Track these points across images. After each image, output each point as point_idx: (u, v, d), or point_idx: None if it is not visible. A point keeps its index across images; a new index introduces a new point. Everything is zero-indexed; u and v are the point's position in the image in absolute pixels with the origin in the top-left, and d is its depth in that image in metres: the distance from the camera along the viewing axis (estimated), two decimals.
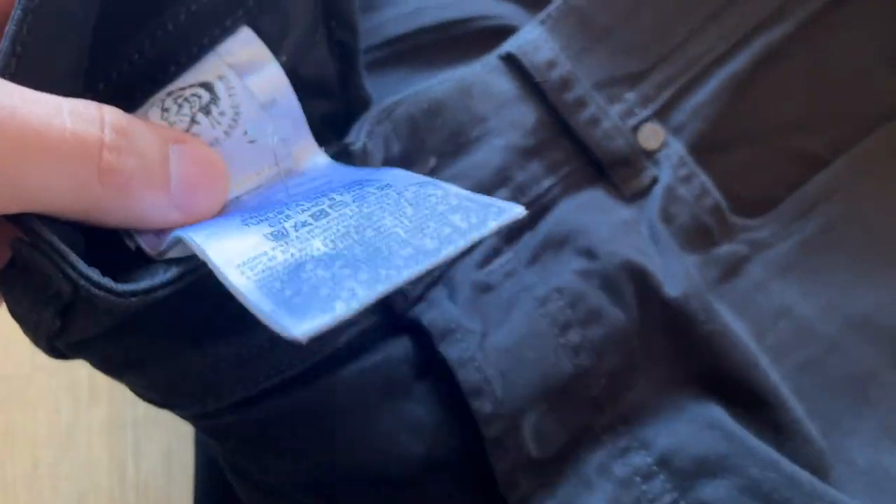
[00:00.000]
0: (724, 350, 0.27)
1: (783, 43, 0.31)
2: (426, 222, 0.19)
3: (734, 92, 0.31)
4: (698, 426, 0.27)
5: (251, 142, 0.23)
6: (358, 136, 0.27)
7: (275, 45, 0.24)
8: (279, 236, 0.19)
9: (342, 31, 0.27)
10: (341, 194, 0.21)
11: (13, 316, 0.22)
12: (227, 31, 0.23)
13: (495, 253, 0.28)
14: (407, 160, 0.28)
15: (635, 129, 0.30)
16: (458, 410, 0.26)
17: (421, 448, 0.26)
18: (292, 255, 0.18)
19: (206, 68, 0.23)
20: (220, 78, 0.23)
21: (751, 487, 0.25)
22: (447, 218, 0.19)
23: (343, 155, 0.27)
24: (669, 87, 0.31)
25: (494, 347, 0.26)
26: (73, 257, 0.19)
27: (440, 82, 0.29)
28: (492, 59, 0.30)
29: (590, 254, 0.28)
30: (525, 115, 0.30)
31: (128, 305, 0.19)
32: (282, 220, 0.20)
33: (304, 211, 0.20)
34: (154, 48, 0.22)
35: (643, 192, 0.30)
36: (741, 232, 0.31)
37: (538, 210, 0.29)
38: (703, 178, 0.30)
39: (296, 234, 0.19)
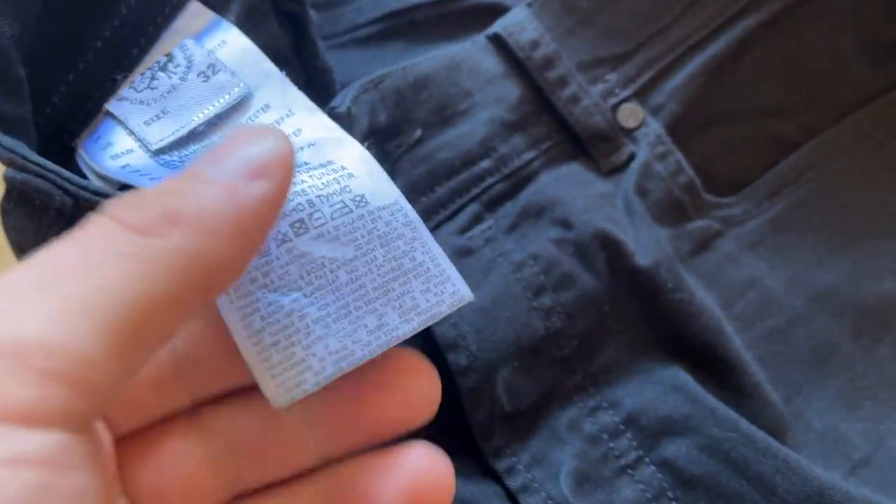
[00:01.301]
0: (690, 316, 0.28)
1: (761, 30, 0.32)
2: (392, 281, 0.21)
3: (711, 76, 0.32)
4: (664, 388, 0.28)
5: (205, 80, 0.23)
6: (343, 101, 0.28)
7: (222, 12, 0.25)
8: (262, 252, 0.20)
9: (289, 3, 0.29)
10: (322, 199, 0.21)
11: (17, 248, 0.22)
12: (176, 8, 0.24)
13: (476, 220, 0.30)
14: (393, 129, 0.30)
15: (615, 108, 0.32)
16: (437, 365, 0.28)
17: None
18: (273, 282, 0.20)
19: (165, 45, 0.25)
20: (177, 45, 0.25)
21: (710, 446, 0.26)
22: (410, 283, 0.21)
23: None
24: (650, 70, 0.32)
25: (470, 307, 0.28)
26: (67, 173, 0.20)
27: (428, 59, 0.31)
28: (480, 39, 0.32)
29: (565, 223, 0.29)
30: (509, 91, 0.31)
31: None
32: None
33: (284, 217, 0.21)
34: (113, 35, 0.24)
35: (620, 168, 0.31)
36: (714, 209, 0.32)
37: (519, 181, 0.30)
38: (679, 156, 0.32)
39: (277, 251, 0.20)
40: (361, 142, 0.28)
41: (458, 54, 0.31)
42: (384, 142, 0.29)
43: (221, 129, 0.23)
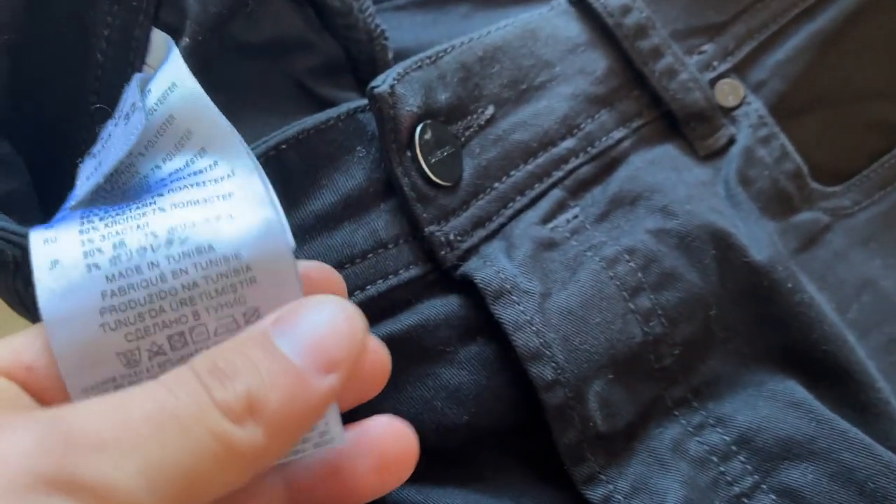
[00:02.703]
0: (811, 322, 0.25)
1: (870, 2, 0.29)
2: None
3: (819, 50, 0.29)
4: (781, 404, 0.24)
5: (126, 121, 0.21)
6: (384, 80, 0.24)
7: (178, 33, 0.24)
8: (132, 362, 0.19)
9: None
10: (210, 311, 0.19)
11: (9, 305, 0.22)
12: (142, 43, 0.23)
13: (561, 207, 0.26)
14: (458, 109, 0.26)
15: (713, 83, 0.28)
16: (507, 376, 0.24)
17: (462, 416, 0.24)
18: None
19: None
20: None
21: (842, 474, 0.23)
22: None
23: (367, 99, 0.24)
24: (750, 41, 0.28)
25: (556, 309, 0.24)
26: (11, 226, 0.20)
27: (498, 28, 0.27)
28: (561, 2, 0.28)
29: (666, 212, 0.25)
30: (595, 61, 0.27)
31: None
32: (139, 336, 0.19)
33: (164, 327, 0.19)
34: (100, 86, 0.23)
35: (719, 152, 0.27)
36: (821, 199, 0.28)
37: (607, 163, 0.27)
38: (784, 140, 0.28)
39: (148, 363, 0.19)
40: (413, 125, 0.25)
41: (533, 20, 0.27)
42: (448, 123, 0.26)
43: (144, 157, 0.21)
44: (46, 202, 0.23)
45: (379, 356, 0.21)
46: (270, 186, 0.20)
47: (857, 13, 0.29)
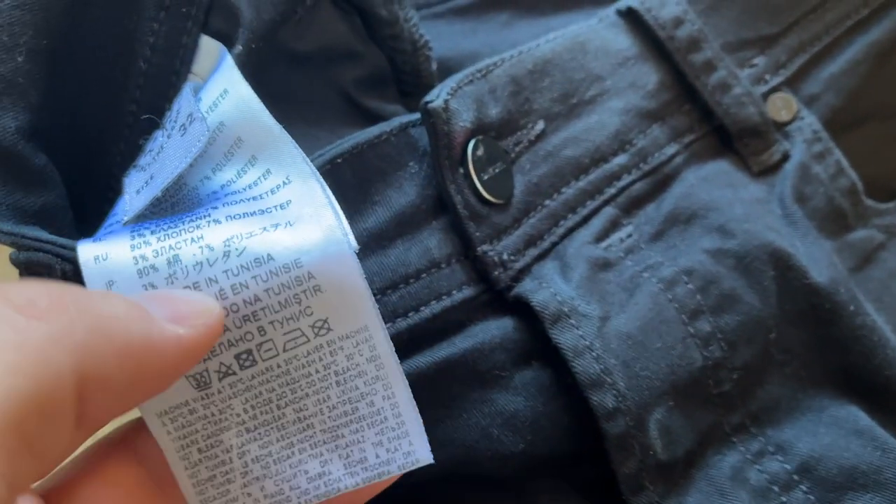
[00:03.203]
0: (874, 346, 0.24)
1: None
2: (343, 426, 0.19)
3: (874, 63, 0.28)
4: (843, 431, 0.24)
5: (182, 133, 0.20)
6: (439, 94, 0.24)
7: (229, 40, 0.23)
8: (202, 384, 0.19)
9: None
10: (275, 325, 0.19)
11: None
12: (189, 49, 0.23)
13: (614, 226, 0.25)
14: (509, 124, 0.25)
15: (765, 97, 0.27)
16: (564, 402, 0.23)
17: (518, 444, 0.23)
18: (213, 415, 0.19)
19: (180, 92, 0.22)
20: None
21: None
22: (363, 432, 0.19)
23: (421, 114, 0.24)
24: (803, 54, 0.28)
25: (616, 334, 0.23)
26: (62, 240, 0.19)
27: (547, 41, 0.26)
28: (610, 14, 0.27)
29: (724, 232, 0.24)
30: (646, 75, 0.26)
31: None
32: (206, 357, 0.18)
33: (230, 346, 0.18)
34: (142, 94, 0.22)
35: (773, 168, 0.27)
36: (875, 216, 0.28)
37: (661, 180, 0.26)
38: (839, 156, 0.27)
39: (219, 384, 0.19)
40: (466, 141, 0.24)
41: (582, 33, 0.26)
42: (499, 139, 0.25)
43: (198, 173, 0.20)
44: (77, 215, 0.22)
45: None
46: (329, 192, 0.19)
47: None
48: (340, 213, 0.19)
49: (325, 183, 0.19)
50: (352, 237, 0.18)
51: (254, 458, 0.19)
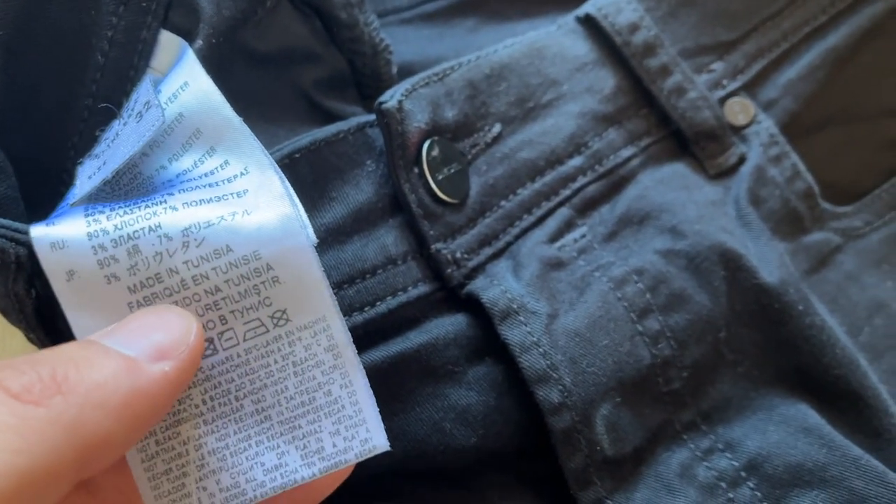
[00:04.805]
0: (823, 345, 0.24)
1: (888, 17, 0.28)
2: (301, 417, 0.19)
3: (832, 68, 0.28)
4: (791, 429, 0.24)
5: (138, 120, 0.20)
6: (393, 95, 0.24)
7: (189, 35, 0.23)
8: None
9: None
10: (236, 315, 0.19)
11: (3, 314, 0.21)
12: (148, 43, 0.23)
13: (568, 226, 0.26)
14: (465, 126, 0.26)
15: (722, 102, 0.28)
16: (515, 397, 0.24)
17: (470, 438, 0.23)
18: (172, 406, 0.19)
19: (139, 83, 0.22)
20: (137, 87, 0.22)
21: (853, 502, 0.22)
22: (320, 422, 0.19)
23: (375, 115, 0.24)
24: (761, 59, 0.28)
25: (563, 331, 0.24)
26: (15, 224, 0.19)
27: (505, 46, 0.27)
28: (569, 21, 0.28)
29: (676, 233, 0.25)
30: (603, 79, 0.27)
31: None
32: None
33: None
34: (99, 88, 0.22)
35: (729, 171, 0.27)
36: (832, 219, 0.28)
37: (616, 181, 0.26)
38: (795, 159, 0.27)
39: None
40: (420, 142, 0.24)
41: (541, 39, 0.27)
42: (455, 140, 0.25)
43: (150, 157, 0.21)
44: (28, 209, 0.22)
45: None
46: (287, 183, 0.19)
47: (870, 31, 0.28)
48: (299, 204, 0.19)
49: (283, 175, 0.19)
50: (310, 229, 0.19)
51: (210, 451, 0.19)
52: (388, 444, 0.19)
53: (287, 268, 0.19)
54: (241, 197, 0.19)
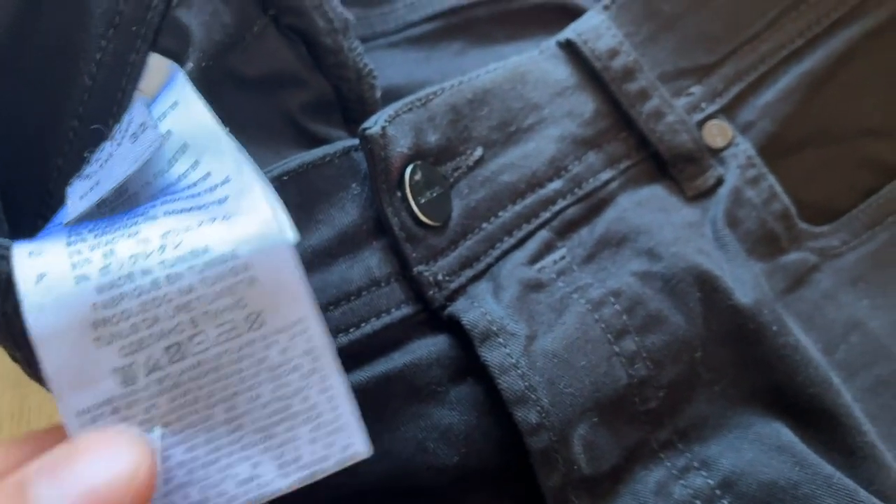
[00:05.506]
0: (797, 365, 0.25)
1: (864, 41, 0.29)
2: (276, 425, 0.18)
3: (808, 91, 0.29)
4: (766, 448, 0.24)
5: (133, 140, 0.20)
6: (376, 122, 0.25)
7: (178, 59, 0.23)
8: (128, 380, 0.18)
9: (290, 17, 0.26)
10: (208, 317, 0.18)
11: None
12: (137, 66, 0.23)
13: (548, 248, 0.26)
14: (447, 150, 0.26)
15: (701, 124, 0.28)
16: (497, 417, 0.24)
17: (453, 457, 0.24)
18: (136, 415, 0.18)
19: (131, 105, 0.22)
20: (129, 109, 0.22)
21: None
22: (297, 430, 0.19)
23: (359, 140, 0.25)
24: (739, 82, 0.29)
25: (542, 352, 0.24)
26: (5, 241, 0.18)
27: (487, 71, 0.27)
28: (550, 46, 0.28)
29: (652, 255, 0.25)
30: (583, 104, 0.27)
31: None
32: (134, 350, 0.18)
33: (160, 338, 0.18)
34: (86, 110, 0.22)
35: (707, 193, 0.28)
36: (809, 239, 0.28)
37: (595, 204, 0.27)
38: (772, 181, 0.28)
39: (145, 379, 0.18)
40: (403, 166, 0.25)
41: (522, 64, 0.28)
42: (437, 164, 0.26)
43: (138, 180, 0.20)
44: (10, 230, 0.22)
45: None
46: (271, 188, 0.19)
47: (845, 54, 0.29)
48: (279, 207, 0.18)
49: (266, 179, 0.19)
50: (290, 231, 0.18)
51: (178, 463, 0.18)
52: (371, 449, 0.19)
53: (265, 267, 0.18)
54: (221, 204, 0.19)
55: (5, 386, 0.36)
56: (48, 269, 0.17)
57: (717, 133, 0.28)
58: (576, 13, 0.30)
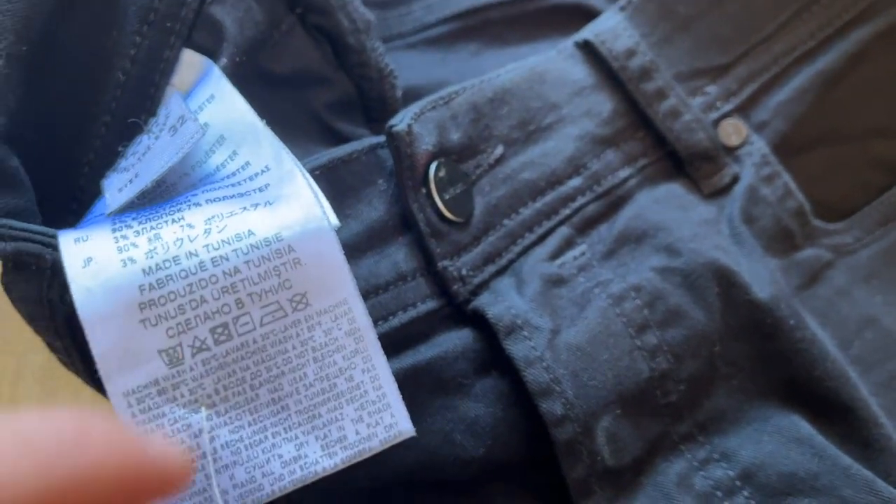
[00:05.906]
0: (814, 359, 0.25)
1: (876, 42, 0.30)
2: (321, 405, 0.19)
3: (821, 91, 0.29)
4: (785, 440, 0.25)
5: (172, 134, 0.21)
6: (402, 119, 0.25)
7: (212, 54, 0.23)
8: (174, 361, 0.18)
9: (316, 16, 0.26)
10: (253, 298, 0.18)
11: (27, 319, 0.20)
12: (170, 62, 0.23)
13: (568, 244, 0.27)
14: (469, 148, 0.27)
15: (716, 123, 0.29)
16: (521, 409, 0.25)
17: (479, 449, 0.24)
18: (182, 395, 0.18)
19: (167, 102, 0.22)
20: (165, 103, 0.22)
21: None
22: (341, 409, 0.19)
23: (386, 138, 0.25)
24: (753, 82, 0.29)
25: (565, 346, 0.25)
26: (51, 230, 0.19)
27: (507, 71, 0.28)
28: (568, 46, 0.29)
29: (671, 251, 0.26)
30: (601, 103, 0.28)
31: None
32: (180, 331, 0.18)
33: (205, 319, 0.18)
34: (119, 105, 0.22)
35: (723, 191, 0.28)
36: (823, 236, 0.29)
37: (614, 201, 0.27)
38: (787, 179, 0.29)
39: (192, 360, 0.18)
40: (428, 163, 0.25)
41: (541, 64, 0.28)
42: (460, 162, 0.26)
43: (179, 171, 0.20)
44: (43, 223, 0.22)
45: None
46: (309, 177, 0.19)
47: (858, 55, 0.30)
48: (320, 193, 0.19)
49: (303, 168, 0.19)
50: (332, 215, 0.18)
51: (223, 444, 0.18)
52: (413, 429, 0.19)
53: (309, 249, 0.18)
54: (262, 191, 0.19)
55: None
56: (95, 253, 0.18)
57: (732, 132, 0.29)
58: (590, 14, 0.30)
